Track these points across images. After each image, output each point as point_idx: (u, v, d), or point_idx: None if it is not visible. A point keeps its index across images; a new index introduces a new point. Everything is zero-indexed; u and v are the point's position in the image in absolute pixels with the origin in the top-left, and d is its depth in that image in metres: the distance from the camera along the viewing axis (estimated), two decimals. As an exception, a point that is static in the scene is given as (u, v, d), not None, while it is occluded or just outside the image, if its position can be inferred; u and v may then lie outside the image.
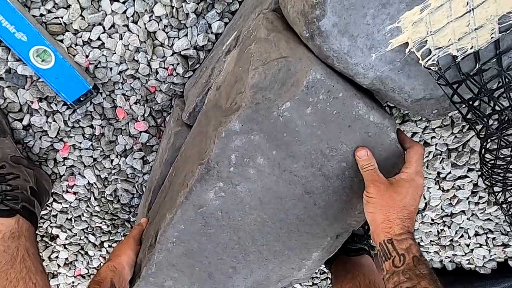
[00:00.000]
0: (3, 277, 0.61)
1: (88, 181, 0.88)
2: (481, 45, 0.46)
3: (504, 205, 0.70)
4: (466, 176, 0.78)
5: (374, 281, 0.72)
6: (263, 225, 0.59)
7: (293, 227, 0.60)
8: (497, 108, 0.48)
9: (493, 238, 0.85)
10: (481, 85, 0.47)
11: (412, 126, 0.72)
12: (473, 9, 0.44)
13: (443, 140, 0.73)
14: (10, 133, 0.77)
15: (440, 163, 0.76)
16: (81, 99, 0.74)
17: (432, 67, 0.46)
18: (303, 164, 0.54)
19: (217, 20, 0.70)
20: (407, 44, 0.45)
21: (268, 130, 0.50)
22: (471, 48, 0.46)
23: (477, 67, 0.47)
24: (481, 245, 0.86)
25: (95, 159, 0.85)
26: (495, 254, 0.87)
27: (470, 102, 0.47)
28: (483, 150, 0.58)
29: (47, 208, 0.91)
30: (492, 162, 0.60)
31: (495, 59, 0.47)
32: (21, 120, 0.77)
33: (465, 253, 0.88)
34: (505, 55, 0.47)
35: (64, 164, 0.85)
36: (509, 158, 0.59)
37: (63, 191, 0.89)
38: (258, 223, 0.59)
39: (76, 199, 0.91)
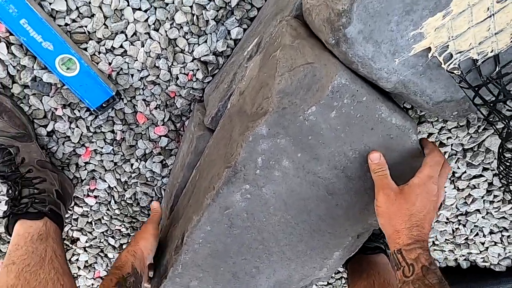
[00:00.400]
0: (33, 277, 0.63)
1: (108, 185, 0.90)
2: (501, 48, 0.48)
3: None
4: (481, 175, 0.79)
5: (389, 280, 0.73)
6: (287, 225, 0.61)
7: (316, 227, 0.62)
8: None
9: (508, 236, 0.86)
10: (501, 87, 0.48)
11: (429, 127, 0.73)
12: (493, 14, 0.45)
13: (459, 140, 0.74)
14: (35, 139, 0.79)
15: (455, 162, 0.78)
16: (104, 105, 0.76)
17: (454, 71, 0.48)
18: (327, 166, 0.55)
19: (236, 27, 0.72)
20: (429, 49, 0.47)
21: (293, 134, 0.52)
22: (491, 52, 0.48)
23: (497, 69, 0.49)
24: (496, 243, 0.88)
25: (115, 163, 0.87)
26: (510, 251, 0.88)
27: (491, 104, 0.49)
28: (501, 149, 0.60)
29: (69, 211, 0.93)
30: (511, 161, 0.62)
31: (514, 62, 0.48)
32: (45, 126, 0.80)
33: (480, 251, 0.89)
34: (524, 58, 0.48)
35: (85, 169, 0.88)
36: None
37: (84, 195, 0.91)
38: (282, 224, 0.61)
39: (96, 202, 0.93)
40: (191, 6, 0.70)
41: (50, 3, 0.68)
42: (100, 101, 0.75)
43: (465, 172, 0.79)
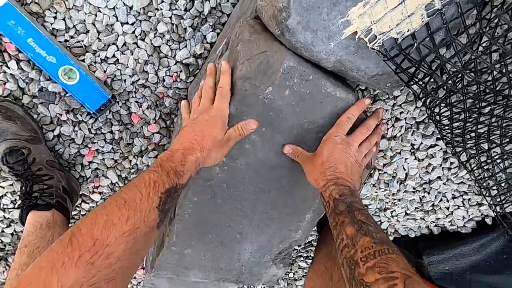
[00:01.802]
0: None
1: (110, 181, 1.01)
2: (415, 28, 0.59)
3: (469, 167, 0.82)
4: (436, 145, 0.90)
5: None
6: (261, 193, 0.72)
7: (287, 193, 0.72)
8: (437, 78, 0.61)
9: (469, 199, 0.96)
10: (417, 61, 0.60)
11: (382, 104, 0.84)
12: (404, 1, 0.57)
13: (410, 114, 0.85)
14: (44, 142, 0.90)
15: (411, 135, 0.89)
16: (102, 108, 0.88)
17: (377, 49, 0.59)
18: (288, 137, 0.66)
19: (210, 31, 0.84)
20: (356, 32, 0.59)
21: (257, 111, 0.63)
22: (407, 31, 0.59)
23: (415, 45, 0.60)
24: (459, 207, 0.97)
25: (116, 161, 0.99)
26: (472, 213, 0.97)
27: (408, 72, 0.60)
28: (433, 115, 0.71)
29: (77, 209, 1.04)
30: (447, 126, 0.73)
31: (428, 38, 0.60)
32: (52, 131, 0.91)
33: (446, 216, 0.99)
34: (436, 34, 0.60)
35: (89, 168, 0.99)
36: (461, 120, 0.71)
37: (90, 192, 1.02)
38: (257, 192, 0.71)
39: (101, 198, 1.03)
40: (170, 17, 0.82)
41: (51, 24, 0.80)
42: (98, 104, 0.86)
43: (421, 143, 0.90)
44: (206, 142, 0.60)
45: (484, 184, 0.80)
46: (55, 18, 0.80)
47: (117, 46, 0.84)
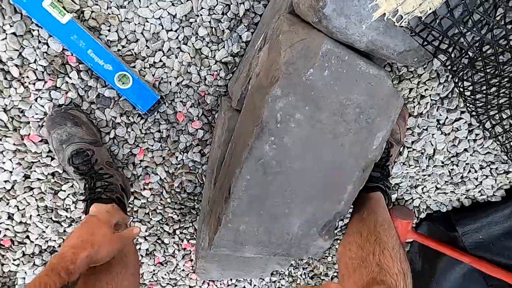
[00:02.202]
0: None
1: (160, 177, 1.10)
2: (436, 6, 0.67)
3: (494, 134, 0.88)
4: (460, 118, 0.96)
5: (375, 210, 0.87)
6: (306, 168, 0.79)
7: (329, 168, 0.80)
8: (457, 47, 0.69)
9: (496, 168, 1.02)
10: (441, 31, 0.68)
11: (407, 83, 0.92)
12: (424, -17, 0.65)
13: (435, 90, 0.93)
14: (104, 146, 1.00)
15: (437, 110, 0.96)
16: (151, 109, 0.97)
17: (405, 27, 0.67)
18: (328, 114, 0.74)
19: (245, 31, 0.94)
20: (384, 14, 0.67)
21: (300, 92, 0.72)
22: (430, 9, 0.67)
23: (437, 21, 0.68)
24: (487, 176, 1.03)
25: (163, 158, 1.08)
26: (501, 182, 1.03)
27: (433, 42, 0.68)
28: (460, 85, 0.78)
29: (129, 205, 1.14)
30: (472, 96, 0.80)
31: (448, 14, 0.68)
32: (108, 134, 1.01)
33: (476, 186, 1.05)
34: (455, 10, 0.68)
35: (140, 166, 1.08)
36: (485, 88, 0.78)
37: (141, 189, 1.11)
38: (302, 168, 0.79)
39: (151, 194, 1.13)
40: (209, 21, 0.92)
41: (106, 36, 0.91)
42: (149, 105, 0.96)
43: (447, 117, 0.97)
44: (95, 240, 0.70)
45: (509, 147, 0.86)
46: (109, 30, 0.90)
47: (163, 51, 0.94)
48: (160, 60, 0.95)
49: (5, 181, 1.02)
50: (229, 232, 0.83)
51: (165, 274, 1.27)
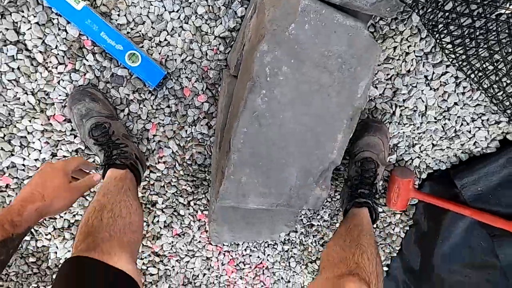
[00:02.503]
0: (112, 197, 0.88)
1: (172, 150, 1.20)
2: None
3: (476, 78, 0.93)
4: (446, 72, 1.02)
5: (360, 223, 0.94)
6: (298, 118, 0.87)
7: (319, 118, 0.87)
8: None
9: (487, 120, 1.06)
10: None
11: (391, 41, 0.99)
12: None
13: (418, 46, 0.99)
14: (119, 121, 1.11)
15: (423, 66, 1.02)
16: (160, 84, 1.08)
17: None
18: (312, 65, 0.82)
19: (239, 7, 1.03)
20: (353, -32, 0.75)
21: (285, 46, 0.80)
22: (395, -39, 0.75)
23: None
24: (479, 128, 1.07)
25: (174, 132, 1.18)
26: (493, 132, 1.07)
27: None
28: (436, 35, 0.84)
29: (146, 179, 1.24)
30: (450, 46, 0.86)
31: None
32: (122, 111, 1.12)
33: (469, 138, 1.09)
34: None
35: (154, 140, 1.19)
36: (461, 33, 0.84)
37: (156, 162, 1.21)
38: (294, 118, 0.87)
39: (165, 167, 1.22)
40: (206, 0, 1.02)
41: (116, 20, 1.02)
42: (157, 80, 1.07)
43: (433, 72, 1.02)
44: (47, 192, 0.71)
45: (493, 91, 0.91)
46: (118, 15, 1.02)
47: (167, 31, 1.05)
48: (165, 39, 1.06)
49: (36, 160, 1.14)
50: (232, 184, 0.92)
51: (183, 246, 1.36)
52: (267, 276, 1.46)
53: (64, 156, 1.15)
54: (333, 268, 0.80)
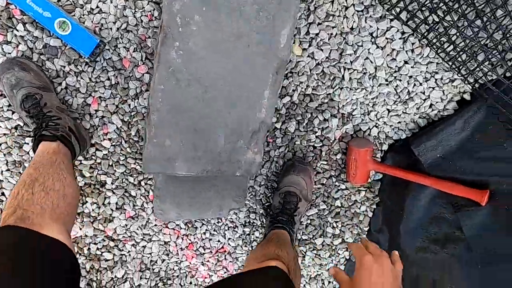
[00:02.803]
0: (45, 170, 0.85)
1: (116, 126, 1.15)
2: None
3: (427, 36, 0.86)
4: (392, 27, 0.94)
5: (278, 237, 1.03)
6: (218, 74, 0.81)
7: (242, 70, 0.81)
8: None
9: (441, 78, 0.98)
10: None
11: (327, -6, 0.92)
12: None
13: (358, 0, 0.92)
14: (55, 93, 1.07)
15: (365, 22, 0.94)
16: (94, 53, 1.04)
17: None
18: (226, 13, 0.77)
19: (170, -32, 0.99)
20: None
21: (194, -8, 0.75)
22: None
23: None
24: (433, 88, 0.99)
25: (117, 106, 1.13)
26: (449, 92, 0.99)
27: None
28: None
29: (93, 158, 1.19)
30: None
31: None
32: (60, 84, 1.08)
33: (424, 100, 1.01)
34: None
35: (97, 116, 1.14)
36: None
37: (101, 139, 1.17)
38: (214, 73, 0.81)
39: (111, 144, 1.18)
40: (135, -37, 0.98)
41: (44, -13, 0.99)
42: (90, 49, 1.02)
43: (377, 28, 0.95)
44: None
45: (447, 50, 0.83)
46: (46, -18, 0.99)
47: (98, -3, 1.01)
48: (97, 6, 1.02)
49: (-26, 139, 1.11)
50: (155, 148, 0.86)
51: (138, 229, 1.30)
52: (230, 261, 1.38)
53: (5, 134, 1.12)
54: (256, 260, 0.86)
